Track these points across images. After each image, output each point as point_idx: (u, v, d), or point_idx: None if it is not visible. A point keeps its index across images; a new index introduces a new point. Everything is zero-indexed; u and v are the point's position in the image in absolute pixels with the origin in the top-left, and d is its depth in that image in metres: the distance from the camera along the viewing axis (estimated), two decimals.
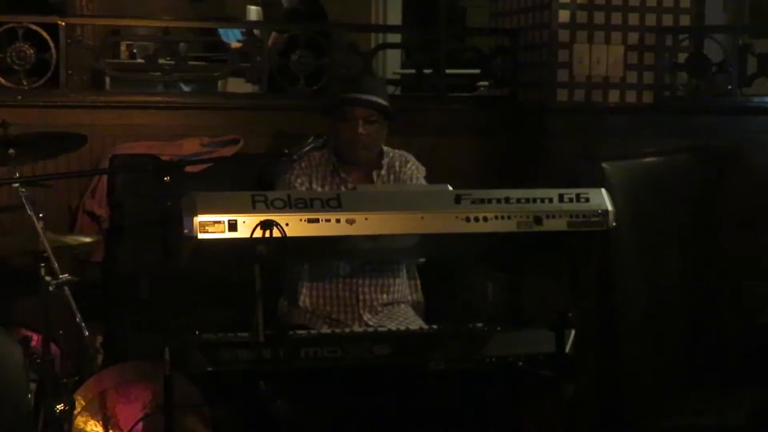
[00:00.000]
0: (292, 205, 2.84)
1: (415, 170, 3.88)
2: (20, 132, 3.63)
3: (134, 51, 7.60)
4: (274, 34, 5.59)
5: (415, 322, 3.69)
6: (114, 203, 4.50)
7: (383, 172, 3.84)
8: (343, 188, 3.74)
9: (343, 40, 5.34)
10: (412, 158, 3.93)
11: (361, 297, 3.76)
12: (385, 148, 3.91)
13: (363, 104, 3.78)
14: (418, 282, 3.91)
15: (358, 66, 5.33)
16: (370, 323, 3.69)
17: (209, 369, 2.89)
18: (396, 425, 3.29)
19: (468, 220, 2.96)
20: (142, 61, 6.07)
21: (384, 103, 3.82)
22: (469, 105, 5.60)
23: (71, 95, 4.76)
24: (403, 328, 3.42)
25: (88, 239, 4.00)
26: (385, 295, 3.77)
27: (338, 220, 2.86)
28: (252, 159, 4.66)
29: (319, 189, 3.78)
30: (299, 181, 3.80)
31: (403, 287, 3.85)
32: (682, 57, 5.29)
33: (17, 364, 3.38)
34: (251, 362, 2.88)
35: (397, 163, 3.88)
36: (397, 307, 3.80)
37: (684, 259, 3.90)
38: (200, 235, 2.75)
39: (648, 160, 4.04)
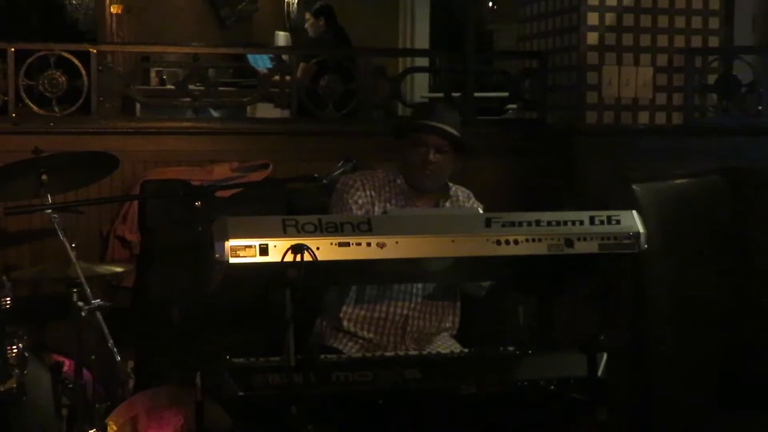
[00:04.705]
0: (322, 229, 2.84)
1: (477, 207, 3.76)
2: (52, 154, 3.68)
3: (164, 77, 7.67)
4: (302, 64, 5.63)
5: (450, 347, 3.63)
6: (145, 229, 4.53)
7: (448, 204, 3.76)
8: None
9: (370, 64, 5.35)
10: (472, 195, 3.86)
11: (408, 328, 3.66)
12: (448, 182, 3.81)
13: (437, 132, 3.65)
14: (459, 305, 3.85)
15: (386, 90, 5.34)
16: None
17: (240, 394, 2.88)
18: None
19: (498, 243, 2.94)
20: (172, 87, 6.12)
21: (457, 134, 3.70)
22: (497, 128, 5.60)
23: (102, 122, 4.81)
24: (434, 352, 3.40)
25: (119, 268, 4.01)
26: (432, 324, 3.69)
27: (369, 244, 2.85)
28: (282, 183, 4.67)
29: (385, 206, 3.69)
30: (358, 195, 3.67)
31: (453, 317, 3.76)
32: (711, 78, 5.28)
33: (46, 390, 3.40)
34: (282, 387, 2.87)
35: (461, 197, 3.80)
36: (439, 335, 3.72)
37: (717, 281, 3.87)
38: (231, 260, 2.75)
39: (679, 181, 4.02)
